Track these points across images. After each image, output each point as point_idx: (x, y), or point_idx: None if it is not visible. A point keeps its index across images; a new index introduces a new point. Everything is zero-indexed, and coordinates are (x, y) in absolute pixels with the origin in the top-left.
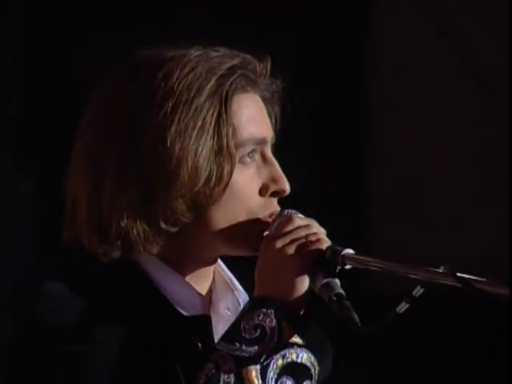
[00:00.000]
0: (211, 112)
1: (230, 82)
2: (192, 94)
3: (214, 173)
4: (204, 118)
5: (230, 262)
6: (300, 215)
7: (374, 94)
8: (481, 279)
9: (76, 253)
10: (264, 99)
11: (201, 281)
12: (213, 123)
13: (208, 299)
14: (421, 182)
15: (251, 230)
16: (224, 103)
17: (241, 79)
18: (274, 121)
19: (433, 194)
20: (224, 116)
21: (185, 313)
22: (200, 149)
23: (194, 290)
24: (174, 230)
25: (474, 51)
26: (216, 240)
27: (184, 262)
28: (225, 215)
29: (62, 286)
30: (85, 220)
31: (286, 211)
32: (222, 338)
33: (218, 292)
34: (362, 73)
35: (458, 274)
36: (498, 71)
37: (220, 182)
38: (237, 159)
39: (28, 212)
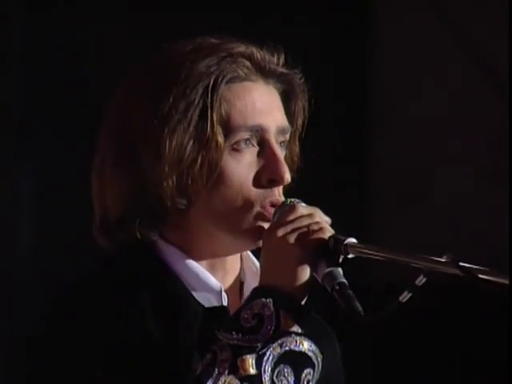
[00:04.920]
0: (198, 97)
1: (222, 68)
2: (183, 79)
3: (200, 157)
4: (191, 103)
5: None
6: (303, 204)
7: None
8: (483, 268)
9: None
10: (279, 91)
11: (219, 273)
12: (198, 108)
13: (237, 292)
14: (422, 172)
15: (250, 220)
16: (212, 90)
17: (238, 67)
18: (294, 113)
19: (435, 184)
20: (214, 102)
21: (201, 301)
22: (184, 132)
23: (212, 279)
24: (175, 217)
25: (476, 46)
26: (218, 230)
27: (198, 252)
28: (220, 202)
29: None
30: (95, 210)
31: (289, 200)
32: (223, 328)
33: (249, 284)
34: (362, 71)
35: (461, 264)
36: (500, 66)
37: (207, 167)
38: (226, 145)
39: (28, 212)
